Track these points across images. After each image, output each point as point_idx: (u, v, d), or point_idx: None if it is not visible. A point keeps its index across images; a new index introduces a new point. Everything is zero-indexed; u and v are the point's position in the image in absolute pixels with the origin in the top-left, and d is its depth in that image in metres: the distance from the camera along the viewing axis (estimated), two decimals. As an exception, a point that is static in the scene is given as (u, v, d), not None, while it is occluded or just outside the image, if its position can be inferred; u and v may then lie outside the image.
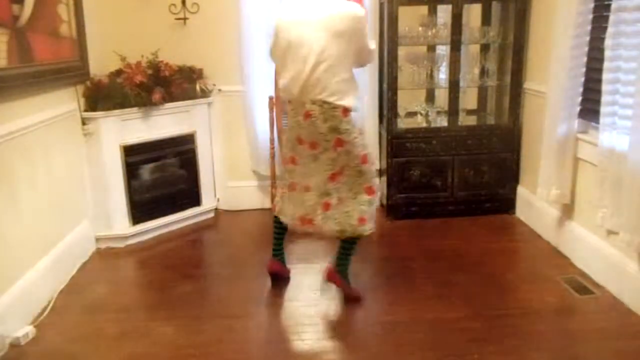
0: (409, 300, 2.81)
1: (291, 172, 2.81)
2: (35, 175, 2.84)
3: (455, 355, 2.36)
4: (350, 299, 2.81)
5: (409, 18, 3.78)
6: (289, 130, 2.76)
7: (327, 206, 2.69)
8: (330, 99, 2.53)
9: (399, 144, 3.84)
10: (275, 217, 2.97)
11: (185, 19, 3.86)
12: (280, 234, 3.01)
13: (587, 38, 2.94)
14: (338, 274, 2.78)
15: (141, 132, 3.62)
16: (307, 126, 2.60)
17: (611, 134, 2.67)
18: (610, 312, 2.66)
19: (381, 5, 3.87)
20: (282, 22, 2.64)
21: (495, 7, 3.92)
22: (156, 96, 3.56)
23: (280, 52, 2.64)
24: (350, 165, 2.65)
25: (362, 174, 2.67)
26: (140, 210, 3.69)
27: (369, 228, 2.70)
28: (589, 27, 2.93)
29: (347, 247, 2.76)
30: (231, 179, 4.20)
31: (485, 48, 3.96)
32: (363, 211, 2.68)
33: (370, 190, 2.71)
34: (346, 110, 2.58)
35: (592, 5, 2.90)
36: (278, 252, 3.04)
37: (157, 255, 3.50)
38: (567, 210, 3.25)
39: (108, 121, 3.44)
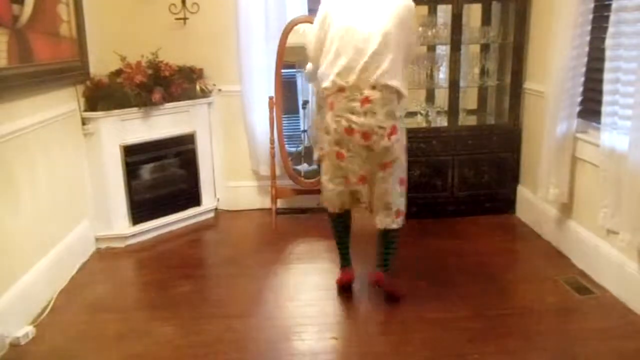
0: (409, 300, 2.80)
1: (342, 169, 2.66)
2: (35, 175, 2.84)
3: (455, 355, 2.36)
4: (396, 296, 2.79)
5: (409, 18, 3.77)
6: (334, 122, 2.59)
7: (380, 195, 2.67)
8: (391, 82, 2.51)
9: (399, 144, 3.83)
10: (335, 217, 2.84)
11: (185, 19, 3.85)
12: (343, 236, 2.89)
13: (587, 38, 2.94)
14: (387, 275, 2.75)
15: (141, 132, 3.62)
16: (362, 113, 2.54)
17: (612, 134, 2.67)
18: (610, 312, 2.66)
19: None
20: (333, 10, 2.61)
21: (495, 7, 3.92)
22: (156, 96, 3.56)
23: (336, 38, 2.56)
24: (401, 158, 2.66)
25: (402, 165, 2.71)
26: (140, 210, 3.69)
27: (401, 220, 2.74)
28: (589, 27, 2.93)
29: (390, 243, 2.75)
30: (231, 179, 4.20)
31: (485, 48, 3.95)
32: (403, 203, 2.73)
33: (402, 181, 2.74)
34: (400, 97, 2.59)
35: (592, 5, 2.90)
36: (348, 258, 2.92)
37: (157, 255, 3.50)
38: (567, 210, 3.25)
39: (108, 121, 3.45)
